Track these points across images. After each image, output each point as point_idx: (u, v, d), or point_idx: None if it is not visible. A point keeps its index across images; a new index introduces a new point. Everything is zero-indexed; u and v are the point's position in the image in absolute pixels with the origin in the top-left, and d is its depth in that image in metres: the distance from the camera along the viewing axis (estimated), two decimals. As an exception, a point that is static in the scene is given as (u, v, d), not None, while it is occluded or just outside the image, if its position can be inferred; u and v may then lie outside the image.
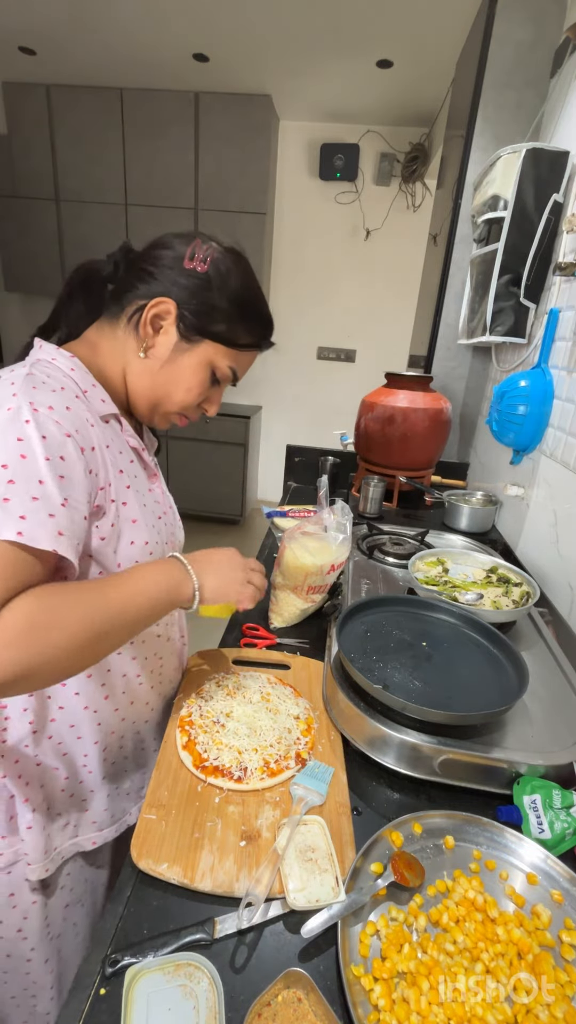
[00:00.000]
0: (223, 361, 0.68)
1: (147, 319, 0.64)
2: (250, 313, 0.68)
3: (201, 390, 0.69)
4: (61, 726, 0.67)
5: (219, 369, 0.69)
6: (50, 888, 0.71)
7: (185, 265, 0.64)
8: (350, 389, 3.83)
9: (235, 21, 2.37)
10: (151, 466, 0.74)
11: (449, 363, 2.06)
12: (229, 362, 0.69)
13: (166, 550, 0.72)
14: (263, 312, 0.71)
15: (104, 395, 0.64)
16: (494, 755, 0.65)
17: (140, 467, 0.71)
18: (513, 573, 1.07)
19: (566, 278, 1.25)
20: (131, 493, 0.65)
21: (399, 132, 3.31)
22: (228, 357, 0.68)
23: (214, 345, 0.67)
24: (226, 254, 0.67)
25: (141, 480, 0.70)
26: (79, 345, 0.68)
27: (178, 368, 0.67)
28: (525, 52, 1.68)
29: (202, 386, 0.69)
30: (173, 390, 0.68)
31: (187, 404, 0.70)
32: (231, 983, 0.45)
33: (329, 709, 0.77)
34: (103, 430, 0.63)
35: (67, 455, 0.54)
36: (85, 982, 0.45)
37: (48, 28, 2.61)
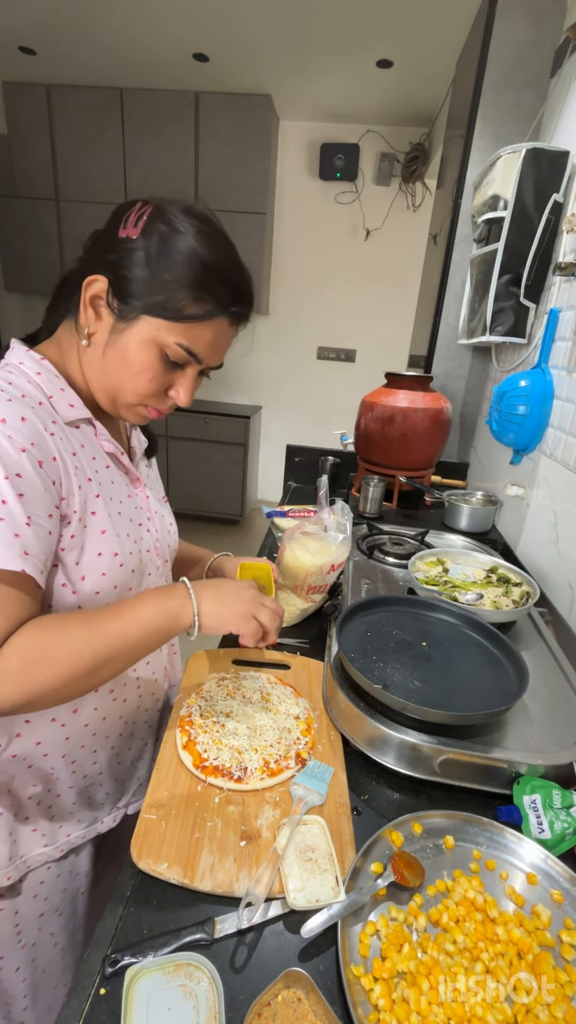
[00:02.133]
0: (170, 338, 0.59)
1: (85, 302, 0.59)
2: (198, 277, 0.57)
3: (152, 374, 0.60)
4: (27, 741, 0.65)
5: (168, 348, 0.59)
6: (20, 896, 0.69)
7: (120, 234, 0.57)
8: (350, 389, 3.83)
9: (235, 21, 2.37)
10: (133, 470, 0.71)
11: (449, 363, 2.06)
12: (177, 338, 0.59)
13: (145, 560, 0.70)
14: (219, 276, 0.58)
15: (73, 398, 0.61)
16: (494, 755, 0.65)
17: (118, 472, 0.68)
18: (513, 573, 1.07)
19: (566, 278, 1.25)
20: (101, 502, 0.62)
21: (399, 132, 3.31)
22: (175, 332, 0.58)
23: (154, 320, 0.58)
24: (171, 214, 0.57)
25: (118, 487, 0.67)
26: (49, 345, 0.65)
27: (121, 352, 0.60)
28: (525, 52, 1.68)
29: (151, 369, 0.60)
30: (122, 378, 0.61)
31: (142, 392, 0.62)
32: (231, 983, 0.45)
33: (329, 709, 0.77)
34: (70, 436, 0.60)
35: (24, 471, 0.52)
36: (85, 982, 0.45)
37: (48, 28, 2.60)
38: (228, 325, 0.62)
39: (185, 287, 0.57)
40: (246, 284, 0.61)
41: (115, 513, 0.64)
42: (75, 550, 0.59)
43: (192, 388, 0.64)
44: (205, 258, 0.57)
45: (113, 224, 0.59)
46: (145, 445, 0.80)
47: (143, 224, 0.56)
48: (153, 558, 0.73)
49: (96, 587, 0.61)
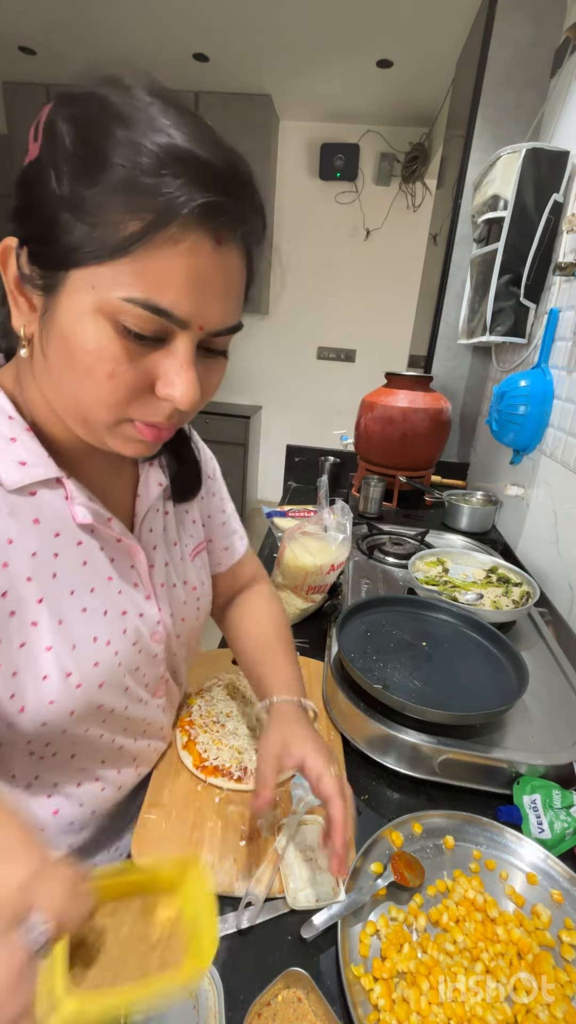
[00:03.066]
0: (115, 292, 0.36)
1: (10, 288, 0.40)
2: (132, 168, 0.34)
3: (110, 365, 0.38)
4: None
5: (120, 313, 0.36)
6: None
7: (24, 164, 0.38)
8: (350, 389, 3.83)
9: (235, 21, 2.37)
10: (128, 539, 0.52)
11: (449, 363, 2.06)
12: (127, 289, 0.36)
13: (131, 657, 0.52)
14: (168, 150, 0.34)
15: (27, 451, 0.43)
16: (494, 755, 0.65)
17: (98, 545, 0.49)
18: (513, 573, 1.07)
19: (566, 278, 1.25)
20: (45, 608, 0.44)
21: (399, 132, 3.31)
22: (122, 280, 0.36)
23: (85, 271, 0.36)
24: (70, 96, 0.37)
25: (94, 567, 0.49)
26: (6, 370, 0.47)
27: (59, 344, 0.39)
28: (525, 52, 1.68)
29: (105, 356, 0.38)
30: (76, 386, 0.40)
31: (107, 398, 0.39)
32: (231, 983, 0.45)
33: (329, 709, 0.77)
34: (19, 508, 0.43)
35: None
36: (85, 982, 0.45)
37: (48, 28, 2.60)
38: (208, 238, 0.36)
39: (112, 193, 0.34)
40: (221, 158, 0.36)
41: (76, 613, 0.47)
42: (3, 679, 0.43)
43: (190, 373, 0.40)
44: (134, 135, 0.34)
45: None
46: (160, 487, 0.57)
47: (43, 128, 0.36)
48: (150, 647, 0.56)
49: (42, 718, 0.45)
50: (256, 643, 0.70)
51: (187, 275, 0.37)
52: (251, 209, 0.39)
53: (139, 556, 0.54)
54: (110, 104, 0.35)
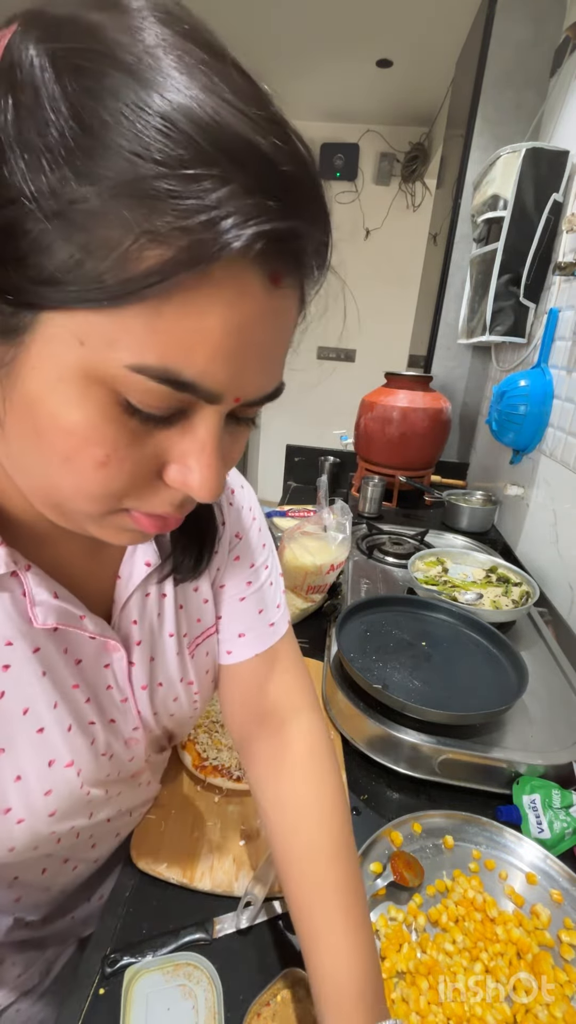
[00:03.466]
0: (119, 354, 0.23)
1: None
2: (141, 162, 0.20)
3: (104, 451, 0.26)
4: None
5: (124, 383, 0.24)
6: None
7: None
8: (350, 389, 3.82)
9: (234, 21, 2.37)
10: (104, 635, 0.40)
11: (449, 363, 2.06)
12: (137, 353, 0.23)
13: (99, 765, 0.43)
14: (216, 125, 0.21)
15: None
16: (494, 755, 0.65)
17: (57, 653, 0.38)
18: (513, 573, 1.07)
19: (566, 278, 1.25)
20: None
21: (399, 132, 3.31)
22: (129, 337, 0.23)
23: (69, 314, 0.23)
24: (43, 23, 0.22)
25: (50, 681, 0.38)
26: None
27: (25, 413, 0.26)
28: (525, 52, 1.68)
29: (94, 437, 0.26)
30: (45, 470, 0.28)
31: (98, 491, 0.28)
32: (230, 983, 0.45)
33: (328, 709, 0.77)
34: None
35: None
36: (84, 982, 0.45)
37: (48, 28, 2.61)
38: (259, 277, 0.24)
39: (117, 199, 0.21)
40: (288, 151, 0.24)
41: (25, 740, 0.37)
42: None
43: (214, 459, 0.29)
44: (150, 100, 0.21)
45: None
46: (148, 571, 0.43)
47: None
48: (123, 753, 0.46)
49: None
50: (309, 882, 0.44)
51: (225, 331, 0.24)
52: (322, 230, 0.27)
53: (117, 653, 0.42)
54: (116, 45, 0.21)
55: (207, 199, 0.21)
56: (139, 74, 0.21)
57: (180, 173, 0.21)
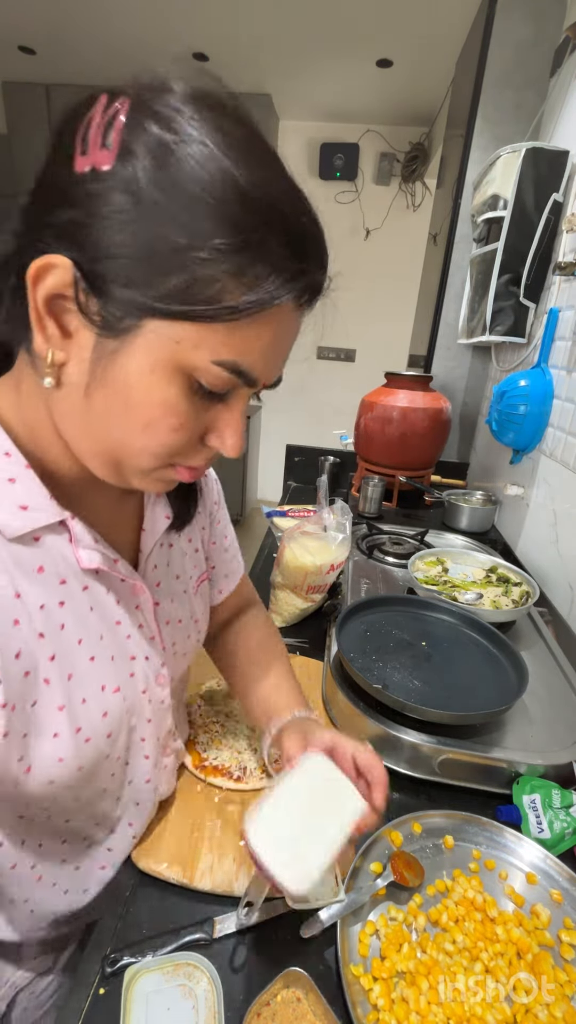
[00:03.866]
0: (200, 354, 0.34)
1: (38, 309, 0.33)
2: (242, 226, 0.31)
3: (176, 420, 0.36)
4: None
5: (200, 371, 0.35)
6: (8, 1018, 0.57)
7: (77, 168, 0.31)
8: (350, 389, 3.82)
9: (235, 21, 2.37)
10: (132, 578, 0.47)
11: (449, 363, 2.06)
12: (215, 352, 0.34)
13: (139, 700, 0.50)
14: (279, 222, 0.33)
15: (29, 493, 0.39)
16: (494, 755, 0.65)
17: (105, 589, 0.46)
18: (513, 573, 1.07)
19: (566, 277, 1.25)
20: (56, 666, 0.41)
21: (399, 132, 3.31)
22: (210, 342, 0.34)
23: (168, 324, 0.33)
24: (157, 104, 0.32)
25: (101, 611, 0.45)
26: (5, 386, 0.41)
27: (117, 390, 0.35)
28: (525, 51, 1.68)
29: (173, 412, 0.36)
30: (124, 433, 0.37)
31: (159, 451, 0.38)
32: (230, 983, 0.45)
33: (329, 709, 0.77)
34: (18, 565, 0.39)
35: None
36: (84, 982, 0.45)
37: (48, 28, 2.60)
38: (293, 310, 0.37)
39: (219, 251, 0.31)
40: (318, 232, 0.36)
41: (84, 662, 0.44)
42: (13, 742, 0.39)
43: (241, 426, 0.40)
44: (247, 186, 0.31)
45: (59, 151, 0.33)
46: (167, 520, 0.53)
47: (120, 140, 0.31)
48: (156, 692, 0.52)
49: (49, 776, 0.42)
50: (257, 661, 0.67)
51: (272, 340, 0.36)
52: (326, 272, 0.39)
53: (144, 595, 0.50)
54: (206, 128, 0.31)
55: (269, 263, 0.33)
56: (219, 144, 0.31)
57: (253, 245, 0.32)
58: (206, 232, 0.31)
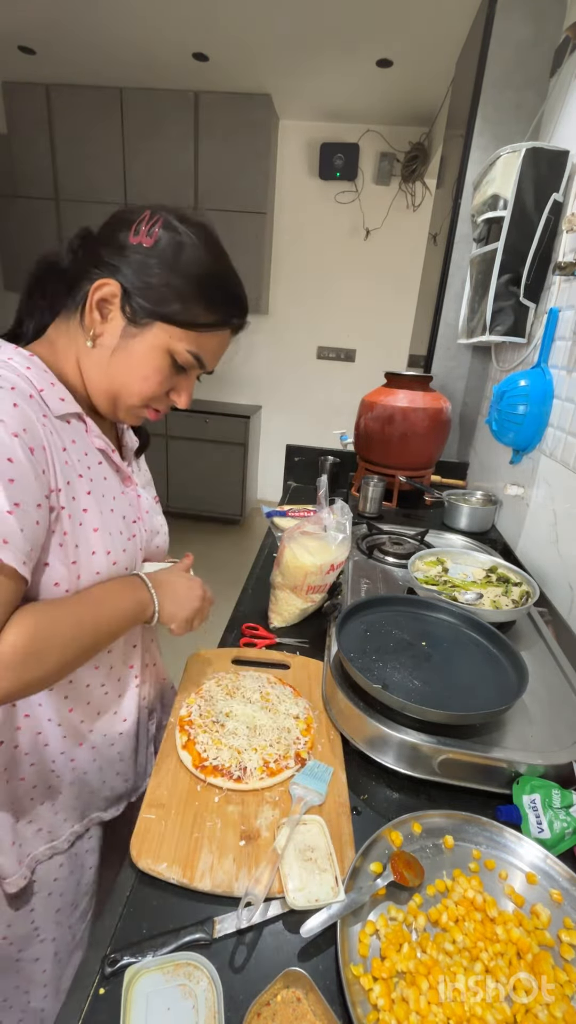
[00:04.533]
0: (181, 345, 0.61)
1: (92, 304, 0.59)
2: (210, 290, 0.60)
3: (160, 378, 0.62)
4: (27, 734, 0.66)
5: (178, 354, 0.61)
6: (37, 895, 0.71)
7: (131, 240, 0.58)
8: (350, 389, 3.83)
9: (235, 21, 2.37)
10: (124, 469, 0.70)
11: (449, 363, 2.06)
12: (189, 346, 0.61)
13: (137, 557, 0.70)
14: (227, 288, 0.62)
15: (64, 394, 0.60)
16: (494, 755, 0.65)
17: (110, 469, 0.67)
18: (513, 573, 1.07)
19: (566, 277, 1.25)
20: (92, 499, 0.61)
21: (399, 132, 3.31)
22: (187, 340, 0.61)
23: (168, 328, 0.60)
24: (180, 225, 0.59)
25: (111, 483, 0.66)
26: (40, 344, 0.64)
27: (130, 356, 0.61)
28: (525, 51, 1.67)
29: (160, 373, 0.62)
30: (128, 380, 0.62)
31: (147, 395, 0.63)
32: (230, 983, 0.45)
33: (328, 709, 0.77)
34: (62, 430, 0.60)
35: (16, 457, 0.51)
36: (84, 982, 0.45)
37: (48, 28, 2.60)
38: (230, 334, 0.66)
39: (197, 297, 0.60)
40: (245, 295, 0.66)
41: (107, 511, 0.64)
42: (69, 548, 0.59)
43: (191, 390, 0.67)
44: (216, 272, 0.61)
45: (117, 229, 0.60)
46: (136, 445, 0.79)
47: (157, 234, 0.58)
48: (140, 557, 0.73)
49: (90, 586, 0.62)
50: None
51: (216, 347, 0.65)
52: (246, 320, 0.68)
53: (132, 485, 0.72)
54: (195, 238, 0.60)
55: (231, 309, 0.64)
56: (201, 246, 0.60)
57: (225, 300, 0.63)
58: (192, 287, 0.59)
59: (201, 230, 0.61)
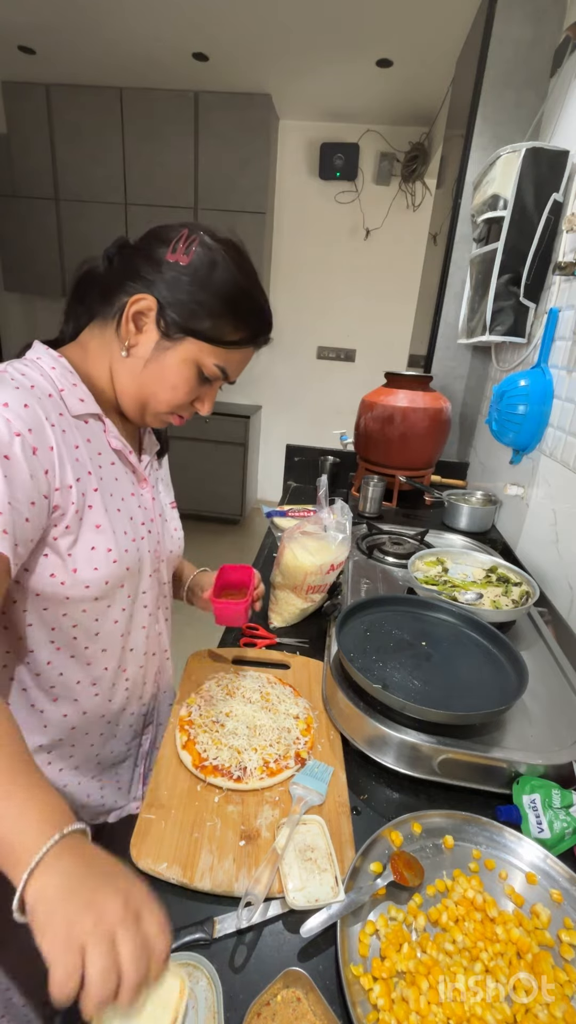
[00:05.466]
0: (209, 359, 0.64)
1: (128, 317, 0.62)
2: (240, 309, 0.63)
3: (188, 388, 0.66)
4: None
5: (206, 367, 0.65)
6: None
7: (167, 258, 0.61)
8: (350, 389, 3.82)
9: (235, 20, 2.37)
10: (140, 470, 0.72)
11: (449, 363, 2.06)
12: (216, 360, 0.65)
13: (144, 560, 0.71)
14: (256, 307, 0.66)
15: (85, 395, 0.63)
16: (493, 755, 0.65)
17: (124, 470, 0.69)
18: (513, 573, 1.07)
19: (566, 277, 1.25)
20: (99, 497, 0.63)
21: (399, 131, 3.30)
22: (215, 355, 0.64)
23: (198, 343, 0.63)
24: (215, 244, 0.62)
25: (122, 484, 0.68)
26: (72, 347, 0.67)
27: (161, 367, 0.64)
28: (525, 51, 1.68)
29: (188, 384, 0.66)
30: (158, 389, 0.65)
31: (174, 403, 0.67)
32: (230, 983, 0.45)
33: (328, 709, 0.77)
34: (78, 429, 0.62)
35: (13, 454, 0.53)
36: (84, 982, 0.45)
37: (48, 27, 2.60)
38: (252, 349, 0.69)
39: (227, 315, 0.63)
40: (270, 313, 0.68)
41: (114, 509, 0.66)
42: (67, 541, 0.60)
43: (213, 400, 0.72)
44: (246, 291, 0.64)
45: (155, 245, 0.63)
46: (157, 448, 0.81)
47: (194, 252, 0.61)
48: (152, 560, 0.74)
49: (86, 581, 0.62)
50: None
51: (240, 361, 0.69)
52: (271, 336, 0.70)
53: (147, 488, 0.74)
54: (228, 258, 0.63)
55: (248, 325, 0.66)
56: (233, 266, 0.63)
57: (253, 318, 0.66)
58: (223, 305, 0.63)
59: (231, 249, 0.63)
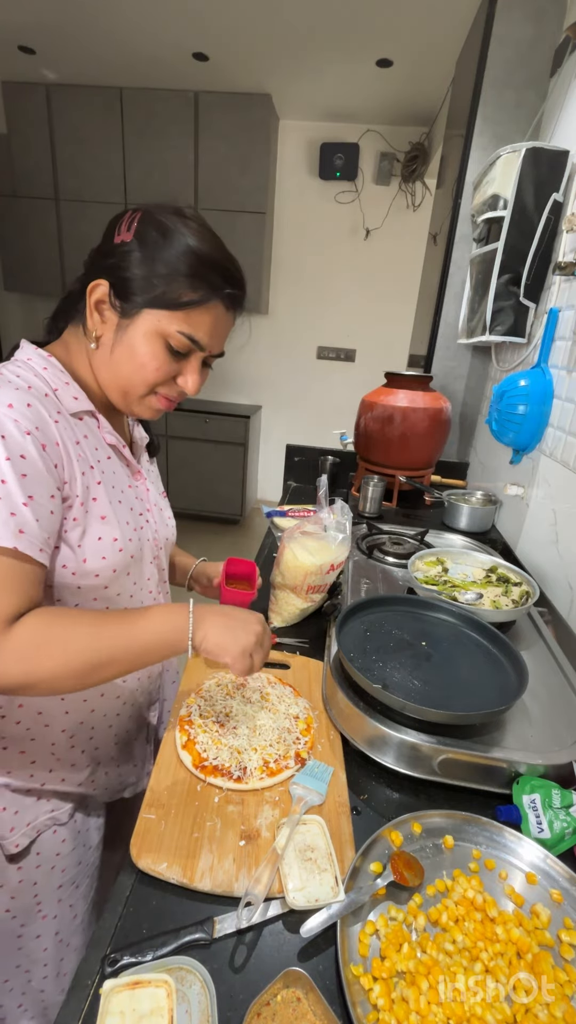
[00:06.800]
0: (172, 326, 0.62)
1: (91, 308, 0.63)
2: (192, 266, 0.60)
3: (156, 363, 0.64)
4: (28, 711, 0.68)
5: (171, 337, 0.62)
6: (38, 868, 0.72)
7: (115, 240, 0.62)
8: (350, 389, 3.83)
9: (235, 20, 2.37)
10: (134, 463, 0.74)
11: (449, 363, 2.06)
12: (179, 327, 0.62)
13: (144, 548, 0.73)
14: (209, 261, 0.62)
15: (77, 392, 0.65)
16: (493, 755, 0.65)
17: (120, 463, 0.71)
18: (513, 573, 1.07)
19: (566, 277, 1.25)
20: (102, 489, 0.65)
21: (399, 131, 3.31)
22: (176, 321, 0.62)
23: (155, 312, 0.61)
24: (156, 214, 0.61)
25: (120, 476, 0.70)
26: (56, 346, 0.68)
27: (127, 347, 0.63)
28: (525, 51, 1.68)
29: (157, 359, 0.63)
30: (129, 371, 0.64)
31: (149, 381, 0.65)
32: (230, 983, 0.45)
33: (328, 709, 0.77)
34: (75, 426, 0.63)
35: (28, 453, 0.55)
36: (84, 981, 0.45)
37: (48, 27, 2.60)
38: (225, 310, 0.65)
39: (180, 276, 0.60)
40: (236, 269, 0.65)
41: (115, 501, 0.67)
42: (76, 533, 0.62)
43: (198, 375, 0.68)
44: (196, 248, 0.61)
45: (108, 233, 0.64)
46: (147, 441, 0.83)
47: (135, 227, 0.61)
48: (152, 548, 0.76)
49: (96, 570, 0.64)
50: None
51: (211, 325, 0.64)
52: (244, 294, 0.67)
53: (141, 479, 0.76)
54: (179, 223, 0.61)
55: (206, 282, 0.62)
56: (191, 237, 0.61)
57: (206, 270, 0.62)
58: (173, 268, 0.60)
59: (184, 217, 0.62)
